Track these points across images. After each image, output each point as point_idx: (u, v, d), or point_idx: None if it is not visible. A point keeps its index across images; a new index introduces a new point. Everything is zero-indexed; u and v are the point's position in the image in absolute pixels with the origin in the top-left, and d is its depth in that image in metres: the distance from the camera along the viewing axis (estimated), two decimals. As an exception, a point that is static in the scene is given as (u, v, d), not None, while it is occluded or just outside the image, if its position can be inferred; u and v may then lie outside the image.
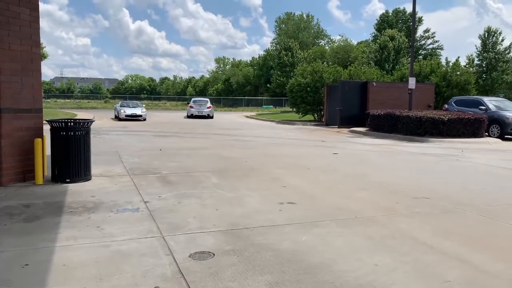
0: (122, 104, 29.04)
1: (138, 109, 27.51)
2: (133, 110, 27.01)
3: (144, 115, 27.08)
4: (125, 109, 26.92)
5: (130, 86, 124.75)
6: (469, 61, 39.10)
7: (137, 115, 26.70)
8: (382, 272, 3.62)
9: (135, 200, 5.98)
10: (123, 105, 28.54)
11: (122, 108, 27.23)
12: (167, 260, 3.79)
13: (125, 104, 29.11)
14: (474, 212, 5.64)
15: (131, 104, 29.77)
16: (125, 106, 28.38)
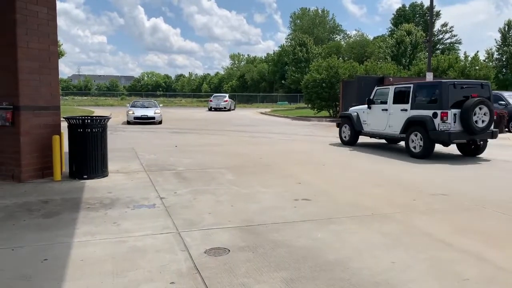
0: (134, 104, 23.54)
1: (151, 110, 21.50)
2: (143, 111, 21.24)
3: (159, 117, 20.97)
4: (134, 110, 21.25)
5: (146, 83, 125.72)
6: (488, 55, 38.36)
7: (148, 118, 20.55)
8: (398, 269, 3.57)
9: (151, 196, 6.03)
10: (135, 105, 23.05)
11: (131, 109, 21.62)
12: (183, 256, 3.82)
13: (137, 104, 23.46)
14: (493, 209, 5.53)
15: (145, 103, 24.31)
16: (137, 106, 22.75)
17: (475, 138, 10.10)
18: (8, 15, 6.61)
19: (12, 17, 6.58)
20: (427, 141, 9.95)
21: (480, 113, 9.73)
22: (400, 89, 11.12)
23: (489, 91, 10.27)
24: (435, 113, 9.82)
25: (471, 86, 10.23)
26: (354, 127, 12.62)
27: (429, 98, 10.32)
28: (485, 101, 9.76)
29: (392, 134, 11.35)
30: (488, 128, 9.88)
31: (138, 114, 20.77)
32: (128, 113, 21.09)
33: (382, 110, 11.62)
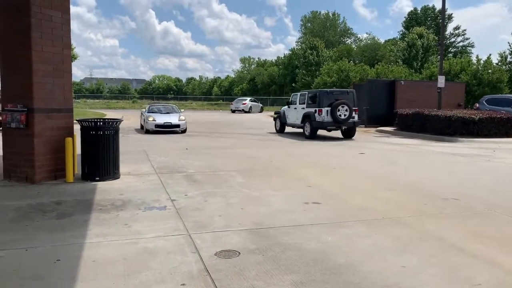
0: (151, 109, 19.25)
1: (174, 116, 17.94)
2: (165, 118, 17.60)
3: (184, 124, 17.57)
4: (156, 117, 17.54)
5: (157, 86, 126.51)
6: (502, 59, 37.78)
7: (173, 126, 17.20)
8: (409, 274, 3.56)
9: (162, 198, 6.08)
10: (153, 110, 18.95)
11: (150, 115, 17.71)
12: (193, 258, 3.84)
13: (155, 109, 19.32)
14: (505, 214, 5.47)
15: (164, 108, 19.91)
16: (156, 112, 18.80)
17: (341, 126, 15.64)
18: (24, 19, 6.73)
19: (27, 21, 6.70)
20: (312, 128, 15.57)
21: (342, 110, 15.12)
22: (302, 95, 16.97)
23: (353, 96, 15.79)
24: (315, 110, 15.36)
25: (339, 93, 16.09)
26: (281, 120, 18.30)
27: (314, 101, 15.70)
28: (345, 102, 15.16)
29: (299, 124, 16.66)
30: (348, 119, 15.24)
31: (160, 121, 17.10)
32: (147, 120, 17.23)
33: (294, 108, 17.18)
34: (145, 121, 17.54)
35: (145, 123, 17.43)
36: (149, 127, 17.10)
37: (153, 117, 17.44)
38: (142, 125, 18.71)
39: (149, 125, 17.14)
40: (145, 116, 17.80)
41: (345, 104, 15.08)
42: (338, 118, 15.00)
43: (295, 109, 17.03)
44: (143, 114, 18.80)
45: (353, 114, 15.25)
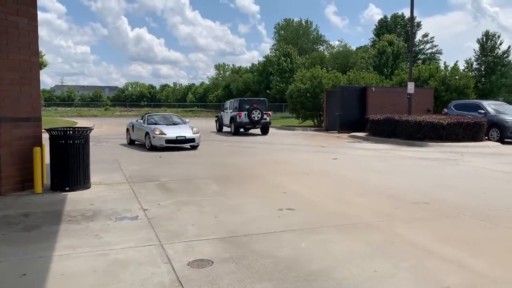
0: (151, 120, 15.02)
1: (185, 129, 14.32)
2: (177, 130, 13.95)
3: (198, 138, 14.14)
4: (163, 129, 13.72)
5: (130, 93, 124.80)
6: (468, 65, 39.04)
7: (187, 140, 13.76)
8: (381, 278, 3.60)
9: (134, 208, 5.97)
10: (153, 121, 14.88)
11: (155, 127, 13.81)
12: (166, 268, 3.78)
13: (156, 120, 15.25)
14: (474, 217, 5.62)
15: (165, 119, 15.76)
16: (158, 123, 14.81)
17: (255, 125, 20.99)
18: (-12, 26, 6.53)
19: (-8, 28, 6.50)
20: (235, 126, 21.01)
21: (256, 113, 20.59)
22: (231, 102, 22.45)
23: (265, 103, 21.85)
24: (237, 113, 20.67)
25: (255, 101, 22.10)
26: (219, 122, 23.67)
27: (236, 106, 21.14)
28: (258, 107, 20.74)
29: (228, 124, 21.94)
30: (260, 120, 20.72)
31: (171, 135, 13.39)
32: (152, 133, 13.37)
33: (226, 113, 22.28)
34: (150, 135, 13.42)
35: (151, 138, 13.30)
36: (157, 142, 13.17)
37: (160, 129, 13.49)
38: (133, 139, 15.39)
39: (157, 140, 13.16)
40: (148, 130, 13.67)
41: (257, 109, 20.68)
42: (253, 119, 20.65)
43: (227, 113, 22.32)
44: (136, 126, 14.92)
45: (265, 116, 20.85)
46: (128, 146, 15.18)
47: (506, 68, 38.73)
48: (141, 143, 14.61)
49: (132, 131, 15.34)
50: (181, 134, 13.70)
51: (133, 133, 15.28)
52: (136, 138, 15.12)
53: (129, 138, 15.78)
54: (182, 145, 13.85)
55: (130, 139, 15.74)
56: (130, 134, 15.61)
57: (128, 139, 15.89)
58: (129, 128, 15.83)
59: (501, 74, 37.88)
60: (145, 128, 14.18)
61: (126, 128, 16.15)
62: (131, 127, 15.58)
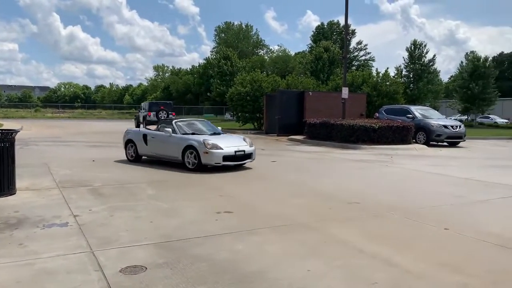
0: (185, 128, 10.90)
1: (238, 140, 10.82)
2: (231, 142, 10.39)
3: (254, 152, 10.71)
4: (214, 141, 9.92)
5: (63, 94, 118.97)
6: (398, 72, 41.43)
7: (246, 155, 10.31)
8: (314, 277, 3.71)
9: (64, 214, 5.69)
10: (190, 130, 10.91)
11: (206, 139, 9.93)
12: (96, 276, 3.64)
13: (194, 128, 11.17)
14: (402, 216, 5.95)
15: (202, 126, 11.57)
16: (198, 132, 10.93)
17: None
18: None
19: None
20: (146, 124, 21.76)
21: (162, 113, 27.38)
22: (145, 104, 30.26)
23: (171, 106, 29.80)
24: (146, 113, 27.40)
25: (162, 103, 30.57)
26: (137, 120, 29.76)
27: (151, 108, 28.13)
28: (164, 109, 28.15)
29: (142, 122, 27.11)
30: (168, 118, 23.33)
31: (229, 149, 9.85)
32: (204, 148, 9.60)
33: (142, 113, 28.55)
34: (195, 150, 9.71)
35: (198, 153, 9.65)
36: (210, 160, 9.59)
37: (212, 141, 9.79)
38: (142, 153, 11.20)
39: (210, 157, 9.55)
40: (189, 141, 9.90)
41: (164, 110, 27.39)
42: (160, 118, 25.53)
43: (141, 113, 28.31)
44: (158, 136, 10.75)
45: (170, 116, 26.47)
46: (58, 148, 14.38)
47: (432, 75, 41.53)
48: (161, 159, 10.81)
49: (145, 143, 10.92)
50: (240, 149, 10.02)
51: (145, 145, 10.92)
52: (154, 153, 10.88)
53: (134, 152, 11.25)
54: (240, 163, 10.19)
55: (135, 154, 11.23)
56: (138, 147, 11.11)
57: (130, 153, 11.37)
58: (134, 138, 11.28)
59: (427, 81, 40.54)
60: (184, 140, 10.02)
61: (127, 140, 11.48)
62: (140, 137, 11.07)
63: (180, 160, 10.06)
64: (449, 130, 17.78)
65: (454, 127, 18.05)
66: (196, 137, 10.26)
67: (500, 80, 52.93)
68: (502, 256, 4.39)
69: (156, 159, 11.00)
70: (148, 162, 11.17)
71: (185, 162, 9.93)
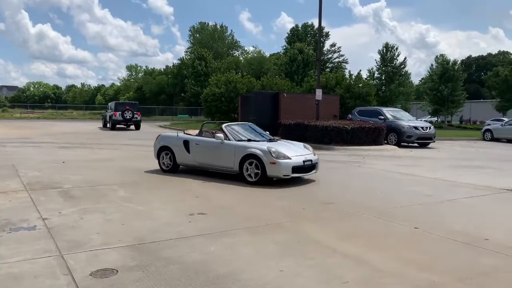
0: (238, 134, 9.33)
1: (300, 148, 9.25)
2: (295, 151, 8.85)
3: (318, 160, 9.14)
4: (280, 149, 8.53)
5: (32, 94, 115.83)
6: (370, 74, 42.17)
7: (312, 165, 8.86)
8: (286, 277, 3.73)
9: (32, 217, 5.53)
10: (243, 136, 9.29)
11: (270, 147, 8.46)
12: (65, 280, 3.55)
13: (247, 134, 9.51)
14: (374, 215, 6.06)
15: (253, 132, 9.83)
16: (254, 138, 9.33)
17: (127, 122, 27.81)
18: None
19: None
20: (112, 123, 27.51)
21: (128, 113, 27.28)
22: (111, 104, 29.58)
23: (136, 106, 29.00)
24: (112, 113, 27.32)
25: (127, 103, 30.27)
26: (104, 120, 30.55)
27: (117, 108, 27.63)
28: (129, 108, 27.67)
29: (108, 121, 28.59)
30: (132, 119, 27.43)
31: (297, 159, 8.48)
32: (270, 158, 8.22)
33: (108, 112, 29.05)
34: (258, 160, 8.26)
35: (262, 164, 8.20)
36: (278, 171, 8.23)
37: (279, 150, 8.42)
38: (180, 162, 9.65)
39: (278, 167, 8.18)
40: (250, 149, 8.45)
41: (129, 109, 27.47)
42: (125, 118, 27.18)
43: (108, 112, 28.80)
44: (205, 143, 9.27)
45: (135, 116, 27.69)
46: (26, 149, 13.97)
47: (403, 78, 42.44)
48: (208, 169, 9.28)
49: (186, 151, 9.39)
50: (306, 157, 8.70)
51: (187, 154, 9.38)
52: (199, 162, 9.32)
53: (170, 160, 9.69)
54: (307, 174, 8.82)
55: (172, 163, 9.67)
56: (177, 155, 9.58)
57: (165, 162, 9.77)
58: (170, 145, 9.74)
59: (398, 83, 41.39)
60: (242, 148, 8.57)
61: (161, 146, 9.89)
62: (180, 143, 9.54)
63: (236, 171, 8.61)
64: (420, 131, 18.22)
65: (424, 128, 18.51)
66: (256, 144, 8.75)
67: (468, 83, 54.73)
68: (468, 254, 4.52)
69: (200, 169, 9.44)
70: (121, 164, 10.98)
71: (244, 174, 8.44)
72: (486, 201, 7.30)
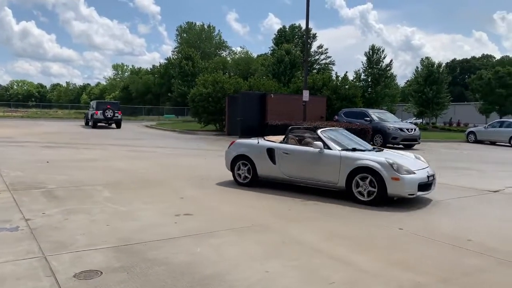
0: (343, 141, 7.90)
1: (412, 159, 7.74)
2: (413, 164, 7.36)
3: None
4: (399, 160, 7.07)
5: (16, 92, 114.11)
6: (357, 76, 42.44)
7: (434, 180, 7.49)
8: (272, 278, 3.74)
9: (15, 218, 5.44)
10: (341, 142, 7.83)
11: (389, 158, 6.93)
12: (48, 282, 3.50)
13: (345, 139, 8.14)
14: (358, 216, 6.10)
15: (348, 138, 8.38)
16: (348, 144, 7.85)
17: (108, 121, 28.18)
18: None
19: None
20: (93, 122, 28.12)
21: (108, 112, 27.69)
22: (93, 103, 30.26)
23: (117, 105, 29.96)
24: (94, 112, 27.73)
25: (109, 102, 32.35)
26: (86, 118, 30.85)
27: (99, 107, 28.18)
28: (110, 108, 28.04)
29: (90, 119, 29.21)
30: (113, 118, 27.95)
31: (421, 173, 7.08)
32: (394, 173, 6.67)
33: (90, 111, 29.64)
34: (380, 175, 6.73)
35: (387, 181, 6.69)
36: (403, 189, 6.74)
37: (398, 162, 6.93)
38: (265, 175, 8.11)
39: (404, 185, 6.71)
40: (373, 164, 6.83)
41: (110, 109, 27.96)
42: (106, 116, 27.67)
43: (90, 111, 29.45)
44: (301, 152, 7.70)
45: (116, 114, 28.09)
46: (7, 148, 13.72)
47: (389, 80, 42.84)
48: (300, 183, 7.76)
49: (271, 161, 7.92)
50: (429, 172, 7.28)
51: (272, 164, 7.90)
52: (289, 175, 7.77)
53: (248, 172, 8.21)
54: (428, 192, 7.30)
55: (251, 175, 8.17)
56: (259, 166, 8.09)
57: (242, 174, 8.29)
58: (250, 154, 8.27)
59: (384, 85, 41.75)
60: (350, 160, 7.06)
61: (238, 155, 8.46)
62: (262, 152, 8.08)
63: (341, 187, 7.13)
64: (405, 133, 18.42)
65: (410, 130, 18.72)
66: (367, 154, 7.23)
67: (452, 85, 55.54)
68: (452, 255, 4.59)
69: (287, 183, 7.94)
70: (106, 165, 10.86)
71: (353, 191, 6.93)
72: (470, 203, 7.41)
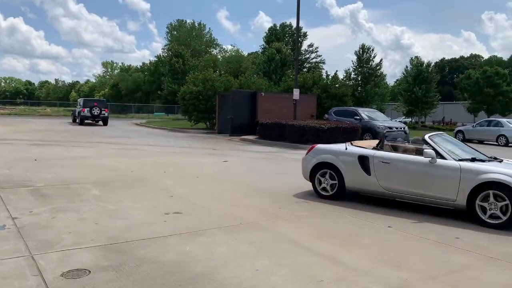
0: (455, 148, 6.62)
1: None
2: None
3: None
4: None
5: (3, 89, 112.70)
6: (347, 75, 42.68)
7: None
8: (262, 277, 3.74)
9: (1, 216, 5.37)
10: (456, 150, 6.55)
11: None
12: (35, 281, 3.46)
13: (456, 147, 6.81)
14: (348, 214, 6.14)
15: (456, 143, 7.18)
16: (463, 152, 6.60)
17: (95, 118, 28.70)
18: None
19: None
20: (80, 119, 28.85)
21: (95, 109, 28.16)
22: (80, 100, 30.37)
23: (104, 102, 30.60)
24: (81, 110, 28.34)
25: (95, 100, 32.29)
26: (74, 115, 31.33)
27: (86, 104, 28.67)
28: (98, 105, 28.67)
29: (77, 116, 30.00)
30: (100, 115, 28.49)
31: None
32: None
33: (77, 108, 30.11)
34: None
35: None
36: None
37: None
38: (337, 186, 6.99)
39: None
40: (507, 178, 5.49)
41: (97, 106, 28.52)
42: (93, 114, 28.29)
43: (77, 109, 29.79)
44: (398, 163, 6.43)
45: (103, 112, 28.56)
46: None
47: (379, 79, 43.12)
48: (404, 199, 6.57)
49: (364, 171, 6.73)
50: None
51: (366, 175, 6.71)
52: (389, 189, 6.55)
53: (335, 184, 7.03)
54: None
55: (337, 187, 6.99)
56: (347, 176, 6.90)
57: (326, 185, 7.14)
58: (335, 162, 7.04)
59: (374, 84, 42.02)
60: (472, 173, 5.82)
61: (319, 163, 7.28)
62: (353, 160, 6.84)
63: (461, 206, 5.96)
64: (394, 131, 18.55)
65: (399, 128, 18.86)
66: (492, 166, 5.96)
67: (441, 84, 56.07)
68: (439, 252, 4.63)
69: (386, 198, 6.82)
70: (95, 162, 10.76)
71: (477, 211, 5.74)
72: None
